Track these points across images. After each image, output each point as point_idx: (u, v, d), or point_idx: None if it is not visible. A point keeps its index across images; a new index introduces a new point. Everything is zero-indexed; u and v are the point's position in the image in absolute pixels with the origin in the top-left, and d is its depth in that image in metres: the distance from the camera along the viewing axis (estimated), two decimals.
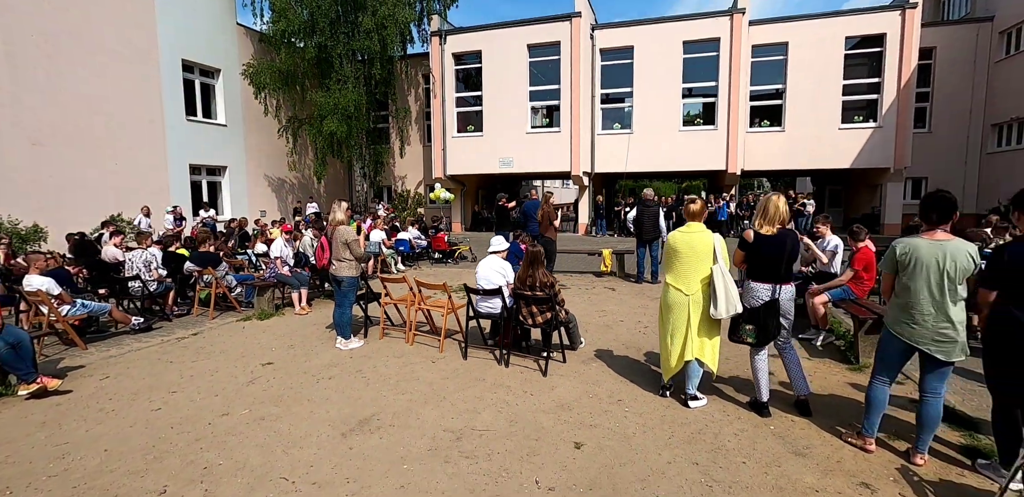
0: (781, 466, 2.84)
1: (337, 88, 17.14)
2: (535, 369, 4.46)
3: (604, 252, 9.39)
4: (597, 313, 6.60)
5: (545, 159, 17.88)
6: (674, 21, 17.32)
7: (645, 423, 3.41)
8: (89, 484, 2.75)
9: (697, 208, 3.59)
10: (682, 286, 3.52)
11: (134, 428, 3.44)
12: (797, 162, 17.63)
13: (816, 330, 5.21)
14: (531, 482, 2.72)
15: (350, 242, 5.17)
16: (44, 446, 3.20)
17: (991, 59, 17.05)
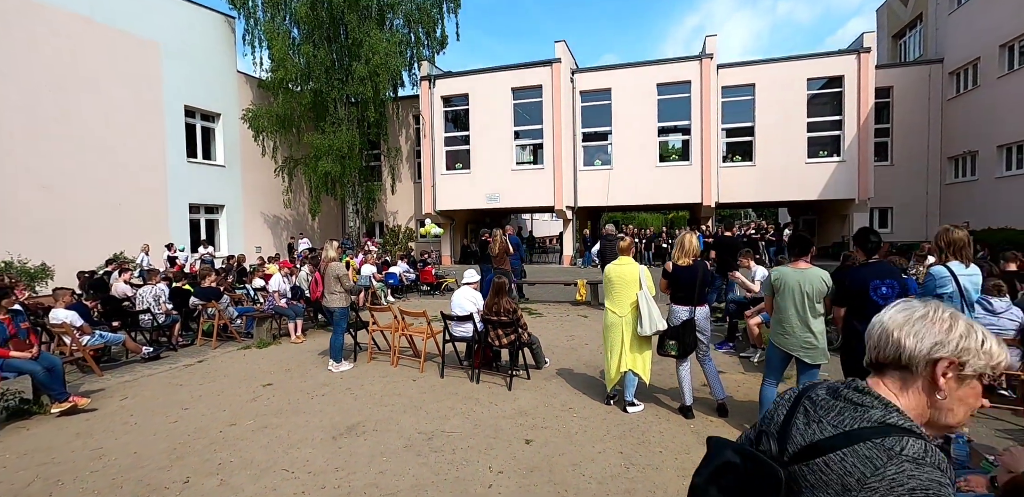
0: (690, 454, 3.50)
1: (332, 130, 18.21)
2: (502, 385, 5.11)
3: (579, 282, 10.12)
4: (566, 338, 7.27)
5: (530, 194, 18.83)
6: (648, 65, 18.68)
7: (587, 425, 4.06)
8: (125, 477, 3.37)
9: (625, 245, 4.36)
10: (616, 309, 4.25)
11: (156, 436, 4.06)
12: (769, 194, 18.66)
13: (753, 348, 5.91)
14: (485, 468, 3.36)
15: (340, 276, 5.90)
16: (82, 450, 3.81)
17: (944, 97, 18.41)
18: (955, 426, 0.99)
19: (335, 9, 17.40)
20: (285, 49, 17.21)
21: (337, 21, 17.99)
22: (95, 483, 3.30)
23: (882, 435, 0.89)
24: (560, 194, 18.47)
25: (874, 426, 0.92)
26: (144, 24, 15.14)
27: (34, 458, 3.69)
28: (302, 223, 21.33)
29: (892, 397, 0.98)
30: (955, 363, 0.95)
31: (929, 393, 0.97)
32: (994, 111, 15.45)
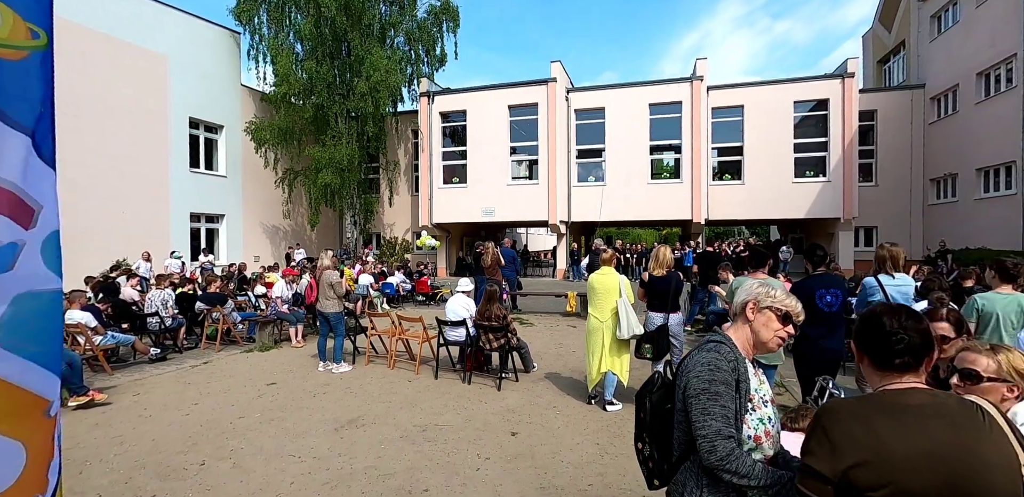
0: None
1: (332, 143, 18.69)
2: (492, 386, 5.47)
3: (569, 294, 10.51)
4: (555, 345, 7.64)
5: (525, 209, 19.31)
6: (640, 86, 19.36)
7: (569, 421, 4.43)
8: (146, 460, 3.70)
9: (607, 257, 4.77)
10: (597, 315, 4.64)
11: (171, 427, 4.38)
12: (757, 213, 19.21)
13: None
14: (474, 455, 3.71)
15: (333, 283, 6.31)
16: (103, 438, 4.14)
17: (925, 121, 19.12)
18: (766, 343, 1.61)
19: (338, 27, 18.03)
20: (289, 65, 17.78)
21: (340, 38, 18.61)
22: (120, 464, 3.63)
23: (706, 343, 1.60)
24: (554, 209, 18.95)
25: (705, 342, 1.61)
26: (152, 37, 15.66)
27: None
28: (300, 234, 21.70)
29: (727, 331, 1.66)
30: (755, 302, 1.61)
31: (744, 323, 1.63)
32: (972, 136, 16.10)
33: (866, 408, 1.15)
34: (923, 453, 1.04)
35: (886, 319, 1.23)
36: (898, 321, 1.23)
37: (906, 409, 1.12)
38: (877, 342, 1.23)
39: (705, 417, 1.44)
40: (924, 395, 1.15)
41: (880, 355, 1.23)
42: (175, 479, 3.43)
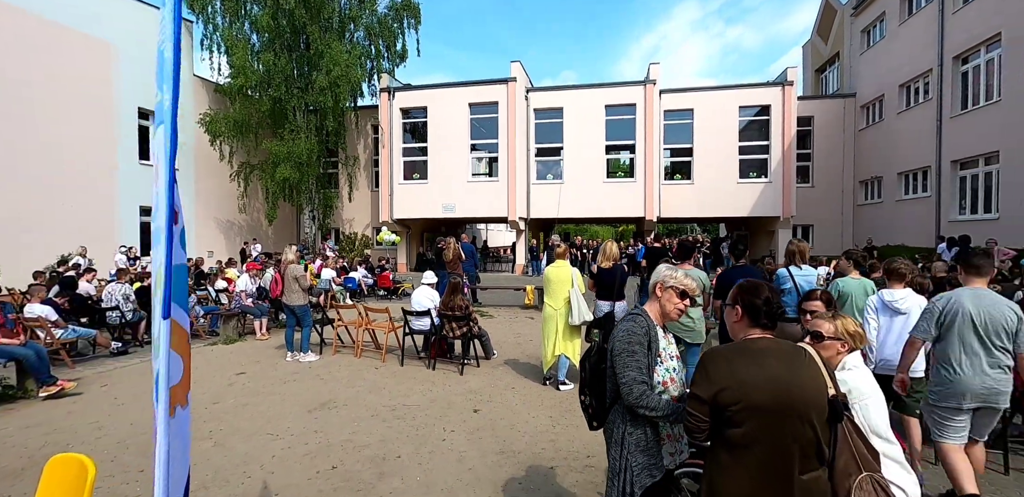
0: None
1: (291, 137, 18.49)
2: (455, 371, 5.87)
3: (528, 288, 10.99)
4: (513, 335, 8.10)
5: (485, 205, 19.68)
6: (597, 88, 20.03)
7: (526, 399, 4.89)
8: (129, 441, 3.91)
9: (560, 251, 5.25)
10: (552, 303, 5.11)
11: (146, 412, 4.56)
12: (705, 211, 20.27)
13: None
14: (440, 428, 4.12)
15: (298, 277, 6.56)
16: (81, 423, 4.30)
17: (856, 127, 20.63)
18: (669, 313, 2.09)
19: (297, 19, 17.83)
20: (245, 57, 17.46)
21: (298, 31, 18.40)
22: (103, 445, 3.83)
23: (628, 315, 2.05)
24: (514, 206, 19.41)
25: (627, 314, 2.10)
26: (98, 24, 15.09)
27: (37, 430, 4.16)
28: (256, 228, 21.33)
29: (646, 306, 2.14)
30: (662, 283, 2.09)
31: (655, 299, 2.11)
32: (895, 142, 17.56)
33: (731, 352, 1.64)
34: (764, 378, 1.53)
35: (768, 293, 1.73)
36: (774, 295, 1.73)
37: (756, 352, 1.61)
38: (755, 307, 1.71)
39: (625, 369, 1.91)
40: (769, 342, 1.65)
41: (755, 317, 1.72)
42: None
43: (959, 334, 2.90)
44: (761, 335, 1.69)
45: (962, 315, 2.88)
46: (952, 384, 2.92)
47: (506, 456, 3.63)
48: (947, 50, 14.38)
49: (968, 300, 2.90)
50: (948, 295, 3.03)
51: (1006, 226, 12.36)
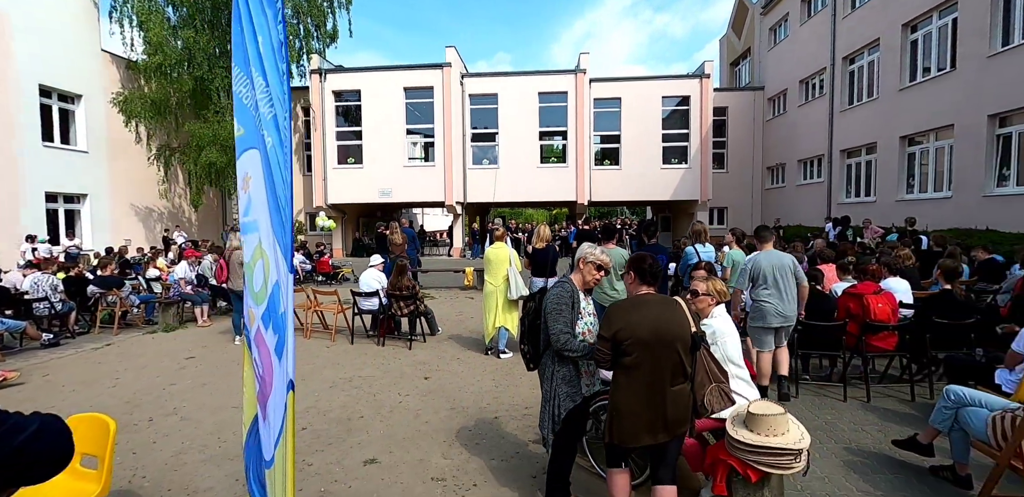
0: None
1: (216, 119, 17.71)
2: (404, 346, 6.35)
3: (467, 270, 11.52)
4: (456, 314, 8.64)
5: (421, 190, 19.86)
6: (530, 75, 20.54)
7: (470, 367, 5.47)
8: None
9: (499, 234, 5.82)
10: (492, 281, 5.69)
11: (102, 396, 4.73)
12: (632, 195, 21.52)
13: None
14: (395, 393, 4.62)
15: (243, 263, 6.73)
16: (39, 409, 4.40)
17: (764, 118, 22.48)
18: (588, 282, 2.64)
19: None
20: (163, 33, 16.45)
21: (220, 7, 17.50)
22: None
23: (557, 282, 2.58)
24: (450, 190, 19.73)
25: (556, 282, 2.62)
26: None
27: None
28: (177, 215, 20.32)
29: (571, 276, 2.67)
30: (583, 258, 2.62)
31: (578, 271, 2.67)
32: (795, 132, 19.42)
33: (627, 304, 2.28)
34: (647, 321, 2.18)
35: (650, 261, 2.36)
36: (655, 262, 2.37)
37: (643, 303, 2.26)
38: (644, 270, 2.35)
39: (554, 323, 2.50)
40: (652, 296, 2.31)
41: (641, 278, 2.35)
42: (131, 432, 3.93)
43: (762, 280, 4.29)
44: (647, 291, 2.34)
45: (762, 269, 4.29)
46: (763, 313, 4.29)
47: (456, 411, 4.21)
48: (838, 51, 16.07)
49: (763, 259, 4.35)
50: (750, 257, 4.36)
51: (881, 207, 14.24)
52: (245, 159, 1.78)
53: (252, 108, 1.66)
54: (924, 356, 4.48)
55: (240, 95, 1.77)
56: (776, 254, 4.36)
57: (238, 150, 1.84)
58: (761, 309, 4.28)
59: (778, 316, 4.24)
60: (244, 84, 1.72)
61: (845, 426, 3.93)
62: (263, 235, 1.67)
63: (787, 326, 4.34)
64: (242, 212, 1.86)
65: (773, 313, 4.24)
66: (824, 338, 4.62)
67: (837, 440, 3.68)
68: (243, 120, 1.78)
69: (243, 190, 1.82)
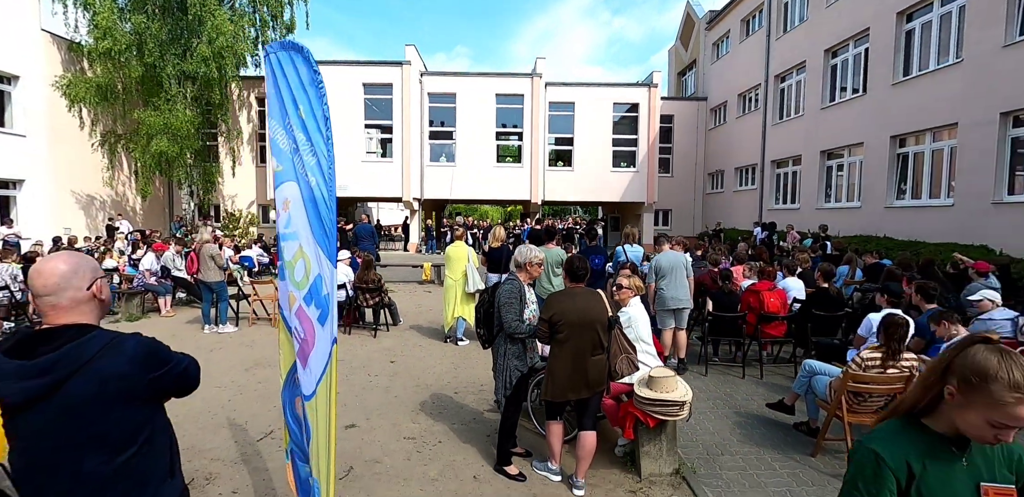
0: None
1: (167, 107, 17.33)
2: (369, 335, 6.92)
3: (425, 265, 12.09)
4: (415, 306, 9.23)
5: (379, 185, 20.15)
6: (488, 76, 21.16)
7: (432, 352, 6.13)
8: None
9: (459, 233, 6.49)
10: (452, 275, 6.36)
11: None
12: (583, 195, 22.57)
13: None
14: (365, 374, 5.23)
15: (214, 255, 7.14)
16: None
17: (707, 127, 24.02)
18: (531, 275, 3.36)
19: None
20: (112, 17, 15.98)
21: None
22: None
23: (506, 279, 3.21)
24: (408, 186, 20.13)
25: (505, 279, 3.25)
26: None
27: None
28: (121, 203, 19.73)
29: (517, 273, 3.30)
30: (530, 261, 3.31)
31: (525, 270, 3.34)
32: (733, 142, 20.97)
33: (560, 294, 3.04)
34: (574, 307, 2.94)
35: (578, 262, 3.11)
36: (582, 263, 3.12)
37: (572, 294, 3.02)
38: (573, 270, 3.09)
39: (506, 313, 3.20)
40: (579, 289, 3.07)
41: (572, 276, 3.10)
42: None
43: (663, 274, 5.46)
44: (575, 286, 3.09)
45: (662, 265, 5.48)
46: (663, 298, 5.46)
47: (421, 387, 4.87)
48: (771, 69, 17.57)
49: (662, 258, 5.55)
50: (655, 257, 5.54)
51: (803, 214, 15.80)
52: (284, 188, 2.36)
53: (291, 152, 2.24)
54: (806, 341, 5.50)
55: (276, 141, 2.36)
56: (673, 254, 5.59)
57: (276, 182, 2.42)
58: (661, 296, 5.48)
59: (673, 300, 5.44)
60: (280, 134, 2.30)
61: (739, 396, 4.87)
62: (304, 242, 2.26)
63: (683, 308, 5.52)
64: (283, 225, 2.43)
65: (669, 298, 5.44)
66: (730, 327, 5.57)
67: (731, 407, 4.60)
68: (281, 160, 2.36)
69: (283, 209, 2.39)
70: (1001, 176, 9.96)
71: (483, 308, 3.53)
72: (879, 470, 1.16)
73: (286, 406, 2.56)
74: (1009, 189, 9.96)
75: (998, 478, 1.17)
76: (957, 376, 1.12)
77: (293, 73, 2.22)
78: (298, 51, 2.17)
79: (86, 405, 1.36)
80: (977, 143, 10.21)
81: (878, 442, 1.21)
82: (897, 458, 1.16)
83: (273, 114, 2.36)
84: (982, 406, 1.08)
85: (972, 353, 1.12)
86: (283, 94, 2.29)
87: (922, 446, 1.17)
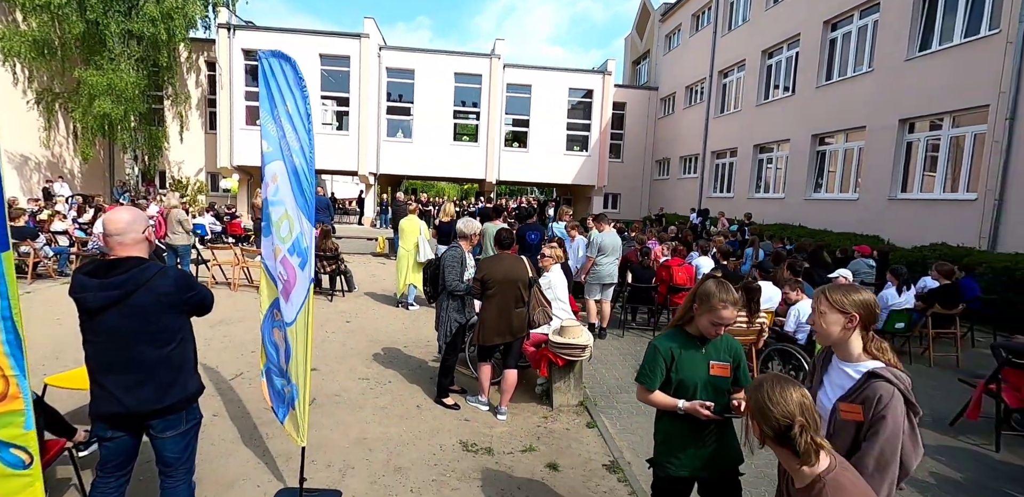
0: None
1: (111, 67, 16.70)
2: (326, 300, 7.49)
3: (379, 238, 12.58)
4: (370, 276, 9.80)
5: (334, 158, 20.14)
6: (447, 54, 21.29)
7: (385, 315, 6.79)
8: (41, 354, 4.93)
9: (412, 208, 7.10)
10: (405, 246, 7.00)
11: (53, 328, 5.45)
12: (537, 176, 23.28)
13: None
14: (322, 331, 5.85)
15: (182, 220, 7.48)
16: None
17: (656, 116, 25.09)
18: (472, 244, 4.09)
19: None
20: None
21: None
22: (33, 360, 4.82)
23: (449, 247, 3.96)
24: (364, 160, 20.24)
25: (449, 247, 4.01)
26: None
27: None
28: (59, 166, 18.96)
29: (461, 242, 4.02)
30: (476, 232, 4.05)
31: (468, 240, 4.07)
32: (679, 132, 22.13)
33: (490, 258, 3.78)
34: (501, 269, 3.69)
35: (504, 233, 3.85)
36: (508, 234, 3.86)
37: (500, 258, 3.77)
38: (501, 240, 3.83)
39: (448, 274, 3.91)
40: (506, 255, 3.82)
41: (500, 244, 3.84)
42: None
43: (606, 252, 6.10)
44: (502, 252, 3.83)
45: (604, 244, 6.06)
46: (602, 274, 6.14)
47: (375, 342, 5.55)
48: (716, 65, 18.64)
49: (606, 237, 6.18)
50: (596, 236, 6.17)
51: (737, 203, 17.14)
52: (272, 165, 2.94)
53: (278, 138, 2.82)
54: None
55: (266, 128, 2.93)
56: (613, 234, 6.22)
57: (265, 160, 2.99)
58: (599, 271, 6.16)
59: (608, 276, 6.17)
60: (270, 122, 2.88)
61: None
62: (288, 207, 2.86)
63: (612, 282, 6.26)
64: (271, 193, 3.00)
65: (606, 274, 6.15)
66: (645, 296, 6.50)
67: (637, 361, 5.53)
68: (271, 143, 2.94)
69: (272, 182, 2.98)
70: (896, 176, 11.36)
71: (430, 270, 4.22)
72: (655, 355, 1.98)
73: (265, 335, 3.19)
74: (902, 187, 11.40)
75: (721, 358, 2.00)
76: (697, 298, 1.93)
77: (282, 76, 2.79)
78: (286, 60, 2.74)
79: (144, 311, 2.00)
80: (880, 145, 11.56)
81: (657, 340, 2.02)
82: (665, 348, 1.98)
83: (264, 107, 2.93)
84: (707, 313, 1.89)
85: (703, 284, 1.93)
86: (272, 92, 2.85)
87: (681, 341, 1.99)
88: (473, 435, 3.62)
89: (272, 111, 2.86)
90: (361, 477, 3.04)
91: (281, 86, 2.78)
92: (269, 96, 2.86)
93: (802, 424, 1.25)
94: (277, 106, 2.82)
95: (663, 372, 1.99)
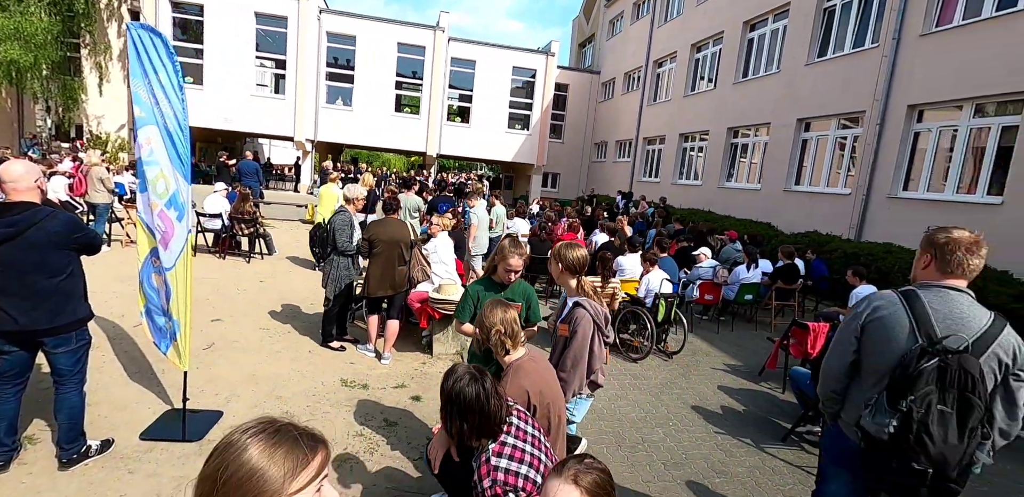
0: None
1: (18, 9, 15.51)
2: (243, 261, 7.76)
3: (309, 205, 12.70)
4: (295, 241, 10.05)
5: (269, 122, 19.67)
6: (391, 23, 20.96)
7: (299, 277, 7.19)
8: None
9: (332, 177, 7.42)
10: (323, 212, 7.35)
11: None
12: (478, 152, 23.59)
13: None
14: (235, 288, 6.22)
15: (103, 178, 7.49)
16: None
17: (597, 99, 25.79)
18: (358, 208, 4.57)
19: None
20: None
21: None
22: None
23: (338, 211, 4.41)
24: (301, 126, 19.87)
25: (337, 210, 4.43)
26: None
27: None
28: None
29: (347, 206, 4.48)
30: (359, 196, 4.49)
31: (353, 203, 4.53)
32: (617, 117, 22.96)
33: (378, 222, 4.31)
34: (386, 231, 4.25)
35: (392, 202, 4.37)
36: (395, 203, 4.38)
37: (386, 222, 4.31)
38: (385, 208, 4.35)
39: (339, 235, 4.41)
40: (393, 218, 4.35)
41: (386, 210, 4.36)
42: None
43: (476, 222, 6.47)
44: (388, 217, 4.36)
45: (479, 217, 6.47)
46: (479, 243, 6.52)
47: (282, 299, 5.99)
48: (652, 54, 19.44)
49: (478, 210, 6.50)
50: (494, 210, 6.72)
51: (662, 188, 18.23)
52: (146, 129, 3.28)
53: (153, 105, 3.18)
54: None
55: (139, 95, 3.24)
56: (501, 209, 6.93)
57: (139, 124, 3.31)
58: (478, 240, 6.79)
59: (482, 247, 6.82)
60: (142, 89, 3.19)
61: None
62: (163, 167, 3.23)
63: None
64: (146, 154, 3.31)
65: (482, 244, 6.76)
66: (540, 267, 7.22)
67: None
68: (143, 109, 3.25)
69: (146, 144, 3.29)
70: (792, 169, 12.59)
71: (319, 232, 4.68)
72: (466, 297, 2.61)
73: (144, 280, 3.56)
74: (796, 180, 12.65)
75: (517, 300, 2.65)
76: (496, 251, 2.56)
77: (153, 50, 3.11)
78: (156, 35, 3.08)
79: (37, 246, 2.42)
80: (781, 141, 12.72)
81: (470, 286, 2.66)
82: (474, 291, 2.61)
83: (135, 74, 3.22)
84: (501, 261, 2.53)
85: (502, 241, 2.57)
86: (144, 63, 3.18)
87: (487, 285, 2.63)
88: (354, 375, 4.20)
89: (144, 78, 3.18)
90: (244, 403, 3.57)
91: (152, 58, 3.10)
92: (141, 66, 3.16)
93: (499, 330, 1.90)
94: (149, 76, 3.14)
95: (472, 309, 2.62)
